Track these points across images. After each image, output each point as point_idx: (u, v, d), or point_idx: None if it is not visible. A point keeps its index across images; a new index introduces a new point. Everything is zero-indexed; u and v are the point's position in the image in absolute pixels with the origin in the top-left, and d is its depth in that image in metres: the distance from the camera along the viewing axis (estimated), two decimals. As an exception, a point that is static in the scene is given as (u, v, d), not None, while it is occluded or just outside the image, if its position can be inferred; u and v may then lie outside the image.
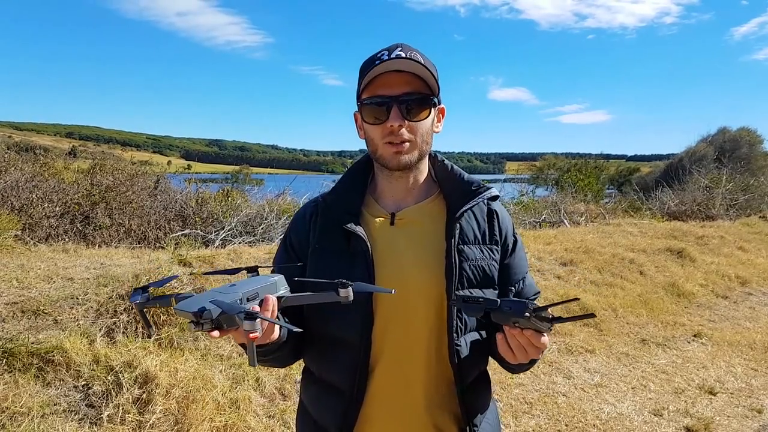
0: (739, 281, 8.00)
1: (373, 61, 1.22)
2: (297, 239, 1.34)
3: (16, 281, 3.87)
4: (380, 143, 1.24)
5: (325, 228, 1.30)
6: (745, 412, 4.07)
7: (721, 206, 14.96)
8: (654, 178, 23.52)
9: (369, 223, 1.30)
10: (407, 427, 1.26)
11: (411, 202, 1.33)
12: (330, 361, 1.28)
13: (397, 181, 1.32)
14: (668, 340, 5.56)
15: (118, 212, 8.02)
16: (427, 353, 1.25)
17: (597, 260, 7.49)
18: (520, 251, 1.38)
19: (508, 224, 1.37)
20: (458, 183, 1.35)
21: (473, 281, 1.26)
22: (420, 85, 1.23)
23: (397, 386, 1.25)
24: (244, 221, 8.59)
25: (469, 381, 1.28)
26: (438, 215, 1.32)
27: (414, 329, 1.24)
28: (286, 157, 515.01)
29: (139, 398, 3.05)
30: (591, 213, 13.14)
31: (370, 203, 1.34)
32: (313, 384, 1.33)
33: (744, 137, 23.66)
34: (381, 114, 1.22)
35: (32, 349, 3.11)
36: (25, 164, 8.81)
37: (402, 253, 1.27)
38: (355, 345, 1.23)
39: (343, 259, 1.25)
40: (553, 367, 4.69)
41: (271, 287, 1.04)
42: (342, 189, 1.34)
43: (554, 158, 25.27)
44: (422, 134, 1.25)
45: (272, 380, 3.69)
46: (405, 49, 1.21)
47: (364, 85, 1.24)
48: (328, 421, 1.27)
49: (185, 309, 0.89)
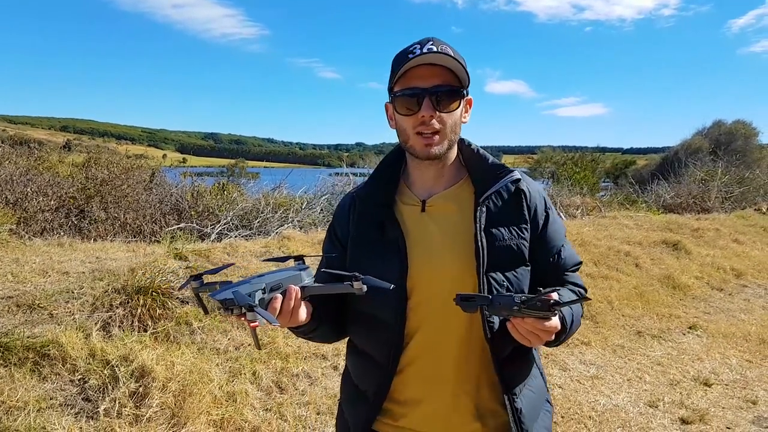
0: (734, 273, 8.04)
1: (406, 54, 1.28)
2: (340, 229, 1.45)
3: (11, 275, 3.86)
4: (411, 133, 1.32)
5: (361, 217, 1.40)
6: (740, 403, 4.09)
7: (716, 199, 15.01)
8: (650, 171, 23.56)
9: (402, 211, 1.39)
10: (437, 393, 1.34)
11: (441, 188, 1.40)
12: (368, 336, 1.40)
13: (427, 169, 1.39)
14: (664, 332, 5.58)
15: (114, 206, 7.99)
16: (459, 331, 1.32)
17: (593, 253, 7.51)
18: (554, 224, 1.42)
19: (537, 200, 1.40)
20: (485, 166, 1.41)
21: (502, 261, 1.32)
22: (450, 77, 1.29)
23: (430, 359, 1.34)
24: (240, 215, 8.56)
25: (505, 354, 1.33)
26: (466, 199, 1.38)
27: (447, 309, 1.29)
28: (282, 150, 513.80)
29: (135, 392, 3.05)
30: (587, 206, 13.15)
31: (403, 191, 1.42)
32: (355, 354, 1.46)
33: (739, 130, 23.71)
34: (413, 105, 1.29)
35: (28, 343, 3.11)
36: (20, 158, 8.78)
37: (433, 239, 1.34)
38: (390, 323, 1.33)
39: (377, 247, 1.36)
40: (549, 359, 4.70)
41: (295, 278, 1.18)
42: (376, 180, 1.44)
43: (550, 151, 25.24)
44: (451, 125, 1.32)
45: (269, 374, 3.69)
46: (436, 43, 1.27)
47: (397, 77, 1.30)
48: (366, 386, 1.41)
49: (215, 298, 1.03)
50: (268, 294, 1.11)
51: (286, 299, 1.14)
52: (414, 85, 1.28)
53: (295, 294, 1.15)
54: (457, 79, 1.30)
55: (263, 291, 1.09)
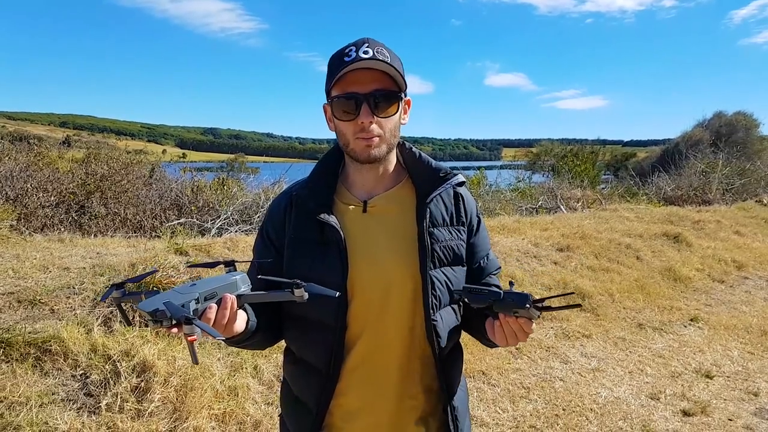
0: (736, 265, 8.03)
1: (341, 58, 1.27)
2: (274, 230, 1.39)
3: (11, 271, 3.85)
4: (351, 138, 1.30)
5: (299, 219, 1.36)
6: (742, 395, 4.10)
7: (717, 191, 14.97)
8: (650, 163, 23.49)
9: (342, 212, 1.36)
10: (382, 400, 1.34)
11: (381, 189, 1.40)
12: (307, 342, 1.36)
13: (368, 172, 1.38)
14: (665, 324, 5.59)
15: (114, 201, 7.98)
16: (403, 331, 1.33)
17: (594, 246, 7.50)
18: (483, 230, 1.49)
19: (472, 206, 1.47)
20: (426, 169, 1.41)
21: (444, 260, 1.35)
22: (387, 81, 1.28)
23: (373, 363, 1.33)
24: (240, 210, 8.56)
25: (446, 353, 1.37)
26: (408, 201, 1.39)
27: (390, 310, 1.32)
28: (281, 145, 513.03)
29: (137, 387, 3.05)
30: (587, 199, 13.13)
31: (342, 192, 1.40)
32: (293, 363, 1.41)
33: (740, 121, 23.60)
34: (351, 110, 1.27)
35: (29, 338, 3.10)
36: (19, 154, 8.75)
37: (376, 239, 1.34)
38: (331, 327, 1.30)
39: (317, 249, 1.32)
40: (550, 352, 4.71)
41: (231, 286, 1.10)
42: (314, 180, 1.40)
43: (551, 144, 25.17)
44: (391, 129, 1.31)
45: (270, 367, 3.69)
46: (372, 45, 1.26)
47: (333, 81, 1.28)
48: (306, 397, 1.36)
49: (143, 309, 0.95)
50: (202, 304, 1.03)
51: (221, 309, 1.07)
52: (351, 90, 1.26)
53: (231, 303, 1.08)
54: (394, 82, 1.29)
55: (197, 301, 1.01)
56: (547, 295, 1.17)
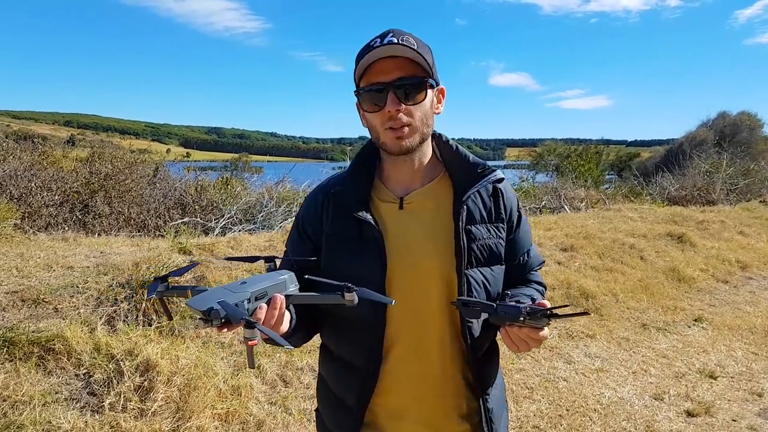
0: (740, 266, 7.99)
1: (366, 49, 1.24)
2: (311, 224, 1.38)
3: (15, 270, 3.86)
4: (381, 130, 1.27)
5: (337, 215, 1.33)
6: (746, 395, 4.08)
7: (721, 191, 14.92)
8: (654, 163, 23.42)
9: (379, 209, 1.34)
10: (422, 397, 1.32)
11: (418, 184, 1.36)
12: (346, 340, 1.35)
13: (402, 165, 1.34)
14: (669, 324, 5.57)
15: (118, 200, 8.00)
16: (440, 330, 1.31)
17: (597, 246, 7.48)
18: (524, 225, 1.44)
19: (512, 202, 1.42)
20: (464, 164, 1.37)
21: (481, 259, 1.31)
22: (414, 68, 1.24)
23: (412, 362, 1.31)
24: (243, 209, 8.58)
25: (481, 353, 1.35)
26: (444, 196, 1.35)
27: (427, 308, 1.30)
28: (285, 144, 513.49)
29: (140, 386, 3.06)
30: (591, 199, 13.11)
31: (379, 188, 1.37)
32: (331, 360, 1.40)
33: (744, 121, 23.51)
34: (378, 101, 1.24)
35: (33, 337, 3.11)
36: (24, 153, 8.77)
37: (412, 237, 1.31)
38: (370, 325, 1.29)
39: (356, 246, 1.30)
40: (553, 352, 4.70)
41: (280, 286, 1.06)
42: (351, 176, 1.37)
43: (554, 144, 25.13)
44: (421, 117, 1.27)
45: (274, 367, 3.70)
46: (397, 35, 1.22)
47: (359, 74, 1.26)
48: (345, 395, 1.35)
49: (196, 306, 0.93)
50: (252, 303, 1.00)
51: (270, 309, 1.03)
52: (376, 80, 1.23)
53: (280, 303, 1.04)
54: (422, 69, 1.24)
55: (248, 300, 0.98)
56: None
